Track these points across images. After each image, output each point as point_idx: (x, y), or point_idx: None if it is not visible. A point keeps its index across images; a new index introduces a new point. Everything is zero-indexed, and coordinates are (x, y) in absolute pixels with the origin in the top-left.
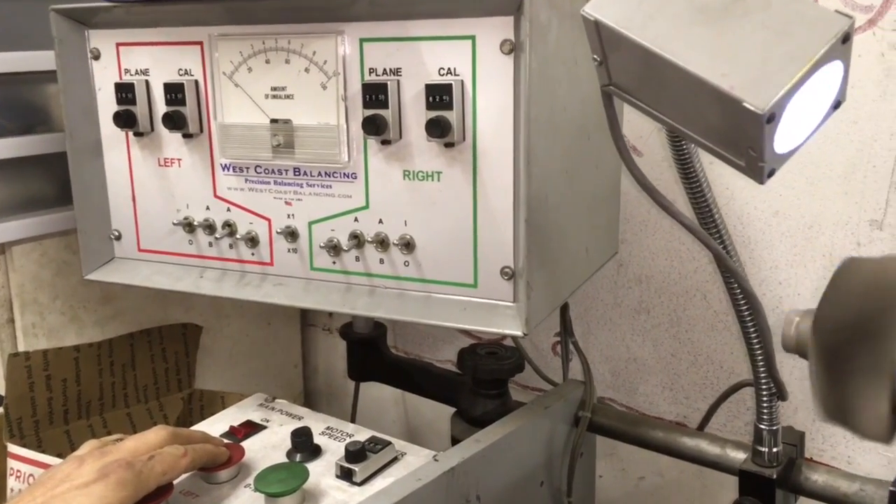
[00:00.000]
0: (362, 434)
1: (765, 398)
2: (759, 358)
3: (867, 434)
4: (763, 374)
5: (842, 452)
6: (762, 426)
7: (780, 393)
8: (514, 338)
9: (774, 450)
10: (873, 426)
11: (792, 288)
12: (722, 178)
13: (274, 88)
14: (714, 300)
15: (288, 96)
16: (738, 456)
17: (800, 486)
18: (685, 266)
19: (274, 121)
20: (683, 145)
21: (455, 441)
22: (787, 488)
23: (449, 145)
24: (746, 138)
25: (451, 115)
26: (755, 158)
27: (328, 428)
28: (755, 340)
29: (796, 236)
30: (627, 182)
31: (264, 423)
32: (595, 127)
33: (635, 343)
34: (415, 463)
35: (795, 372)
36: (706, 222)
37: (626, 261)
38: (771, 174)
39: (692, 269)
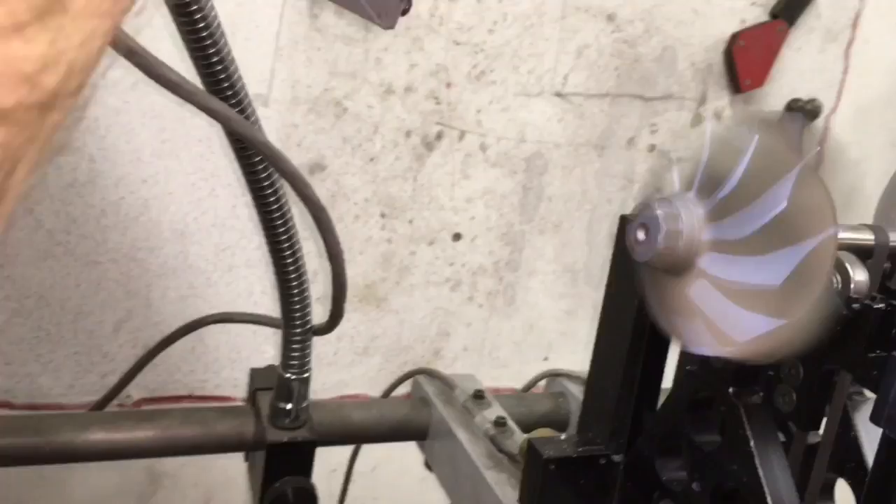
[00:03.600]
0: None
1: (297, 336)
2: (297, 278)
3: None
4: (298, 303)
5: (227, 377)
6: (291, 375)
7: (330, 324)
8: None
9: (304, 404)
10: None
11: (161, 186)
12: None
13: None
14: (47, 216)
15: None
16: (241, 427)
17: (324, 432)
18: None
19: None
20: None
21: None
22: (321, 443)
23: None
24: None
25: None
26: None
27: None
28: (293, 252)
29: (166, 117)
30: None
31: None
32: None
33: None
34: None
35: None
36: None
37: None
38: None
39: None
